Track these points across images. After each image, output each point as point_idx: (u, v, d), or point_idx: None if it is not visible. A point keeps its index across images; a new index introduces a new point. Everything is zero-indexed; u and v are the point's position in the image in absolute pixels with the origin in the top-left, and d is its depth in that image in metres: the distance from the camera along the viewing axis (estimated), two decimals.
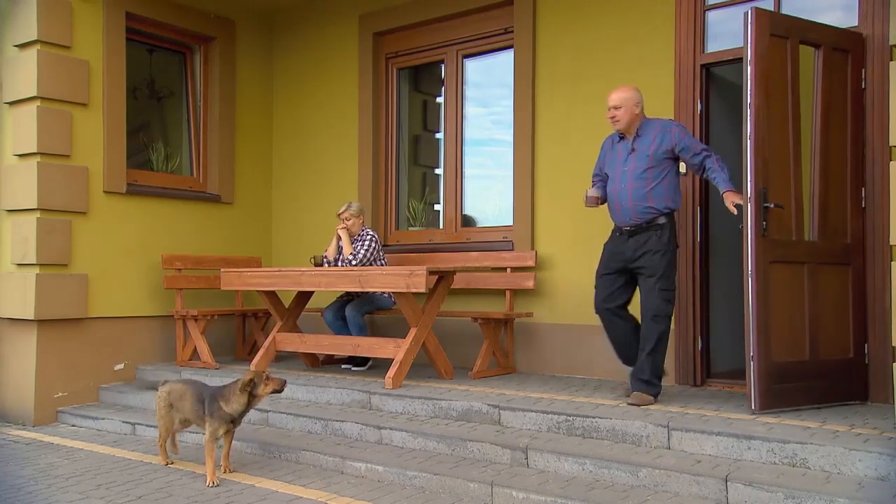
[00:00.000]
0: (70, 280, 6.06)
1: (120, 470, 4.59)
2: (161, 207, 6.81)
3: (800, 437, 3.72)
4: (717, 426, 3.96)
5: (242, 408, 4.25)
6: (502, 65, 6.52)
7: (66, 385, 6.10)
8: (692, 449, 3.94)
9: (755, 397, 4.23)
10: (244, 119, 7.54)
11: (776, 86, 4.42)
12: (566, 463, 3.97)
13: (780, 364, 4.30)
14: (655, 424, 4.07)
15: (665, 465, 3.74)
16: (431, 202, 7.19)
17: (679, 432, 3.99)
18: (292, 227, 7.60)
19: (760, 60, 4.33)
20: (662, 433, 4.04)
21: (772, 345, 4.27)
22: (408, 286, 5.10)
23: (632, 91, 4.70)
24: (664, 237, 4.55)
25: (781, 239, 4.36)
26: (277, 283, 5.86)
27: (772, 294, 4.28)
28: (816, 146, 4.55)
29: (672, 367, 5.35)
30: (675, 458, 3.85)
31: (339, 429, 4.88)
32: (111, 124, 6.36)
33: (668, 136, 4.58)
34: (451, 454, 4.37)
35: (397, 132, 7.15)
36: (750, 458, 3.77)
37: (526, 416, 4.51)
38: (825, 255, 4.51)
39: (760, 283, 4.24)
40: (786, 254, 4.36)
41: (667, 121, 4.74)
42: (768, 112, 4.35)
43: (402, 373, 5.29)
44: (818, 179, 4.54)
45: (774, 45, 4.40)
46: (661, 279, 4.51)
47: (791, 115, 4.47)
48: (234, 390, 4.24)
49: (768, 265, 4.27)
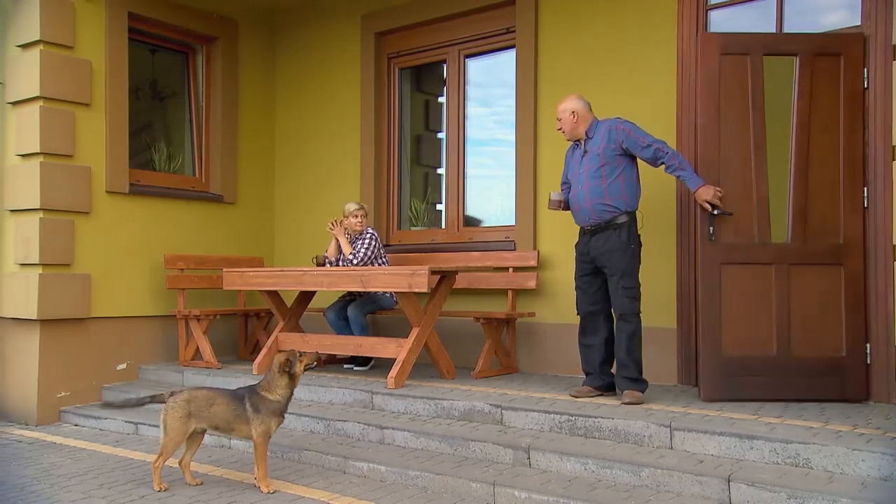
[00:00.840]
0: (73, 280, 6.06)
1: (122, 469, 4.59)
2: (163, 207, 6.81)
3: (802, 437, 3.71)
4: (719, 426, 3.96)
5: (289, 391, 4.07)
6: (504, 64, 6.51)
7: (69, 385, 6.11)
8: (695, 449, 3.93)
9: (702, 388, 4.67)
10: (246, 119, 7.54)
11: (733, 100, 4.74)
12: (568, 463, 3.97)
13: (734, 359, 4.64)
14: (658, 424, 4.07)
15: (667, 464, 3.74)
16: (433, 202, 7.19)
17: (681, 432, 3.99)
18: (294, 226, 7.60)
19: (708, 80, 4.75)
20: (665, 433, 4.04)
21: (722, 340, 4.65)
22: (410, 286, 5.10)
23: (568, 100, 4.94)
24: (623, 235, 4.69)
25: (737, 242, 4.72)
26: (279, 282, 5.87)
27: (724, 293, 4.70)
28: (793, 151, 4.75)
29: (674, 367, 5.36)
30: (678, 458, 3.85)
31: (342, 428, 4.88)
32: (114, 124, 6.36)
33: (614, 133, 4.75)
34: (454, 454, 4.37)
35: (399, 132, 7.15)
36: (752, 458, 3.76)
37: (528, 416, 4.51)
38: (803, 256, 4.72)
39: (708, 283, 4.71)
40: (742, 256, 4.72)
41: (614, 119, 4.87)
42: (720, 126, 4.74)
43: (404, 372, 5.28)
44: (794, 183, 4.73)
45: (731, 62, 4.78)
46: (624, 277, 4.67)
47: (753, 124, 4.77)
48: (272, 378, 4.04)
49: (719, 267, 4.70)
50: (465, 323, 6.15)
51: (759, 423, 4.01)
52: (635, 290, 4.69)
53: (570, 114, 4.88)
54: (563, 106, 4.93)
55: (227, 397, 4.09)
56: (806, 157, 4.73)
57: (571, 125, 4.89)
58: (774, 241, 4.74)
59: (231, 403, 4.05)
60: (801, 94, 4.74)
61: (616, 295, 4.68)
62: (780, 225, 4.77)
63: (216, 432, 4.22)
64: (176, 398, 4.08)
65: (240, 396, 4.07)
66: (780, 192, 4.77)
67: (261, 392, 4.05)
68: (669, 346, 5.41)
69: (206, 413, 4.05)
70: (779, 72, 4.79)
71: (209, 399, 4.08)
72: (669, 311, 5.44)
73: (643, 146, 4.69)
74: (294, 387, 4.12)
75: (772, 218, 4.77)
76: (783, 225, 4.76)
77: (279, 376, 4.06)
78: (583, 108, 4.90)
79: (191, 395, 4.10)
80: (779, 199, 4.78)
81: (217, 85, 7.32)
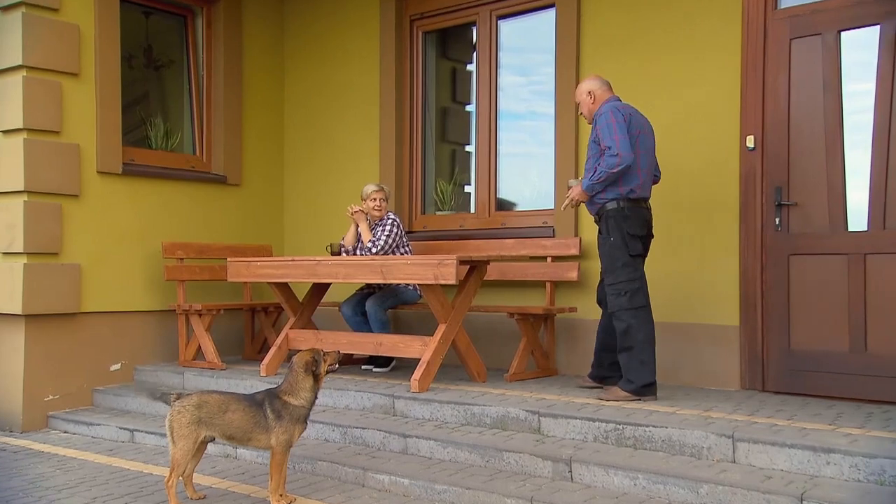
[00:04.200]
0: (61, 270, 6.13)
1: (117, 481, 4.63)
2: (161, 189, 6.86)
3: (888, 451, 3.65)
4: (790, 437, 3.91)
5: (313, 395, 4.04)
6: (542, 26, 6.46)
7: (58, 387, 6.19)
8: (761, 463, 3.90)
9: (767, 382, 5.07)
10: (252, 90, 7.56)
11: (804, 77, 4.98)
12: (616, 477, 3.96)
13: (803, 353, 4.96)
14: (718, 434, 4.04)
15: (730, 480, 3.70)
16: (462, 183, 7.18)
17: (746, 444, 3.95)
18: (306, 211, 7.62)
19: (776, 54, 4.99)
20: (727, 444, 4.00)
21: (791, 334, 4.98)
22: (436, 277, 5.10)
23: (585, 81, 5.16)
24: (603, 228, 4.96)
25: (807, 231, 4.98)
26: (290, 273, 5.88)
27: (792, 286, 5.04)
28: (874, 133, 4.85)
29: (737, 370, 5.33)
30: (742, 473, 3.81)
31: (360, 437, 4.89)
32: (105, 97, 6.40)
33: (595, 124, 4.95)
34: (485, 466, 4.37)
35: (423, 104, 7.13)
36: (829, 475, 3.71)
37: (569, 424, 4.50)
38: (882, 246, 4.83)
39: (775, 275, 5.03)
40: (813, 246, 5.01)
41: (606, 105, 4.96)
42: (790, 105, 5.01)
43: (429, 374, 5.28)
44: (875, 170, 4.85)
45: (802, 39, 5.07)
46: (607, 274, 4.95)
47: (826, 103, 4.98)
48: (295, 380, 4.00)
49: (787, 257, 5.03)
50: (497, 319, 6.12)
51: (838, 435, 3.96)
52: (620, 285, 4.86)
53: (586, 95, 5.07)
54: (580, 87, 5.14)
55: (243, 402, 4.03)
56: (887, 139, 4.78)
57: (588, 108, 5.08)
58: (849, 230, 4.88)
59: (249, 409, 3.99)
60: (883, 74, 4.79)
61: (605, 290, 4.99)
62: (856, 212, 4.89)
63: (229, 442, 4.19)
64: (184, 402, 3.98)
65: (258, 401, 4.02)
66: (857, 178, 4.90)
67: (283, 396, 4.01)
68: (731, 345, 5.37)
69: (219, 420, 3.97)
70: (854, 46, 4.87)
71: (222, 404, 4.00)
72: (730, 306, 5.39)
73: (602, 148, 4.85)
74: (318, 389, 4.11)
75: (848, 205, 4.92)
76: (859, 212, 4.91)
77: (304, 378, 4.03)
78: (599, 88, 5.06)
79: (201, 400, 4.00)
80: (855, 185, 4.91)
81: (219, 52, 7.34)
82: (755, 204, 5.31)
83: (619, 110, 4.86)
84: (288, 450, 4.04)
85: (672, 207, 5.61)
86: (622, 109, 4.89)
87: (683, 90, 5.61)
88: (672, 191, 5.59)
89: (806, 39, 5.15)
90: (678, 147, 5.59)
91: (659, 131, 5.63)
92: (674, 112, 5.63)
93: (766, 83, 5.28)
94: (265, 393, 4.09)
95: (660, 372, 5.51)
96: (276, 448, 3.98)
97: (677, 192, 5.59)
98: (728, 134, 5.41)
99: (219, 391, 4.36)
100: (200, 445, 4.10)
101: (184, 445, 3.94)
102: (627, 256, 4.86)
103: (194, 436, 3.95)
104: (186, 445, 3.95)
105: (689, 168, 5.56)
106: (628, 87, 5.79)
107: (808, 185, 5.13)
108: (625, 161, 4.73)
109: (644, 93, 5.67)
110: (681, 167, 5.57)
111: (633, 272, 4.86)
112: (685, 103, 5.60)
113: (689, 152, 5.57)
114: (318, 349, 4.16)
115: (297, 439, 4.06)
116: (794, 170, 5.17)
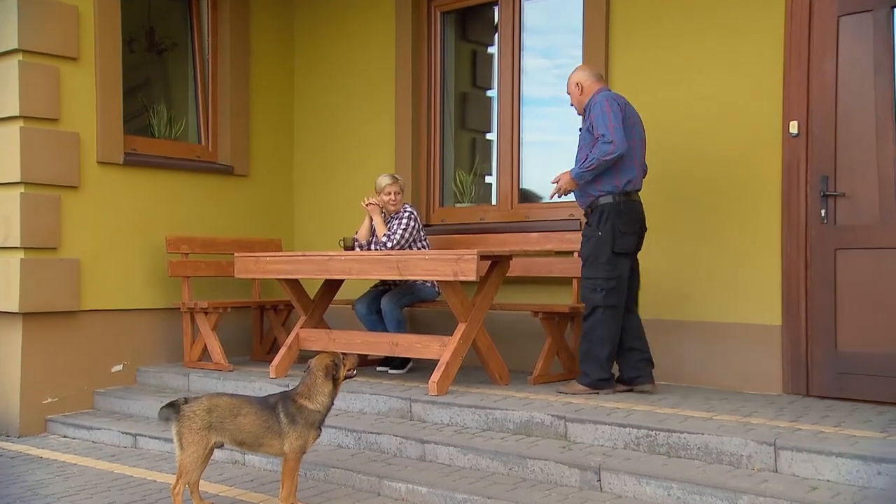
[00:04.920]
0: (60, 266, 6.15)
1: (120, 489, 4.63)
2: (164, 180, 6.87)
3: None
4: (837, 445, 3.86)
5: (330, 400, 4.04)
6: (569, 5, 6.43)
7: (57, 389, 6.21)
8: (806, 473, 3.85)
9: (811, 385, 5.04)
10: (260, 75, 7.56)
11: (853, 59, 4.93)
12: (648, 486, 3.93)
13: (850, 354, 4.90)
14: (759, 442, 4.00)
15: (772, 491, 3.66)
16: (482, 173, 7.18)
17: (789, 452, 3.91)
18: (318, 203, 7.63)
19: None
20: (768, 453, 3.96)
21: (837, 334, 4.94)
22: (455, 273, 5.07)
23: (576, 71, 5.30)
24: (592, 220, 5.13)
25: (855, 224, 4.94)
26: (301, 269, 5.87)
27: (839, 282, 4.99)
28: None
29: (778, 373, 5.29)
30: (785, 483, 3.77)
31: (375, 442, 4.89)
32: (105, 82, 6.41)
33: (587, 113, 5.08)
34: (508, 474, 4.35)
35: (442, 90, 7.12)
36: (881, 486, 3.66)
37: (598, 430, 4.48)
38: None
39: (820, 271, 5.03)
40: (862, 239, 4.97)
41: (599, 95, 5.08)
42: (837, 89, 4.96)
43: (448, 377, 5.27)
44: None
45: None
46: (584, 267, 5.17)
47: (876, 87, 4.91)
48: (313, 383, 4.01)
49: (833, 252, 5.01)
50: (520, 318, 6.09)
51: (890, 443, 3.90)
52: (598, 281, 5.07)
53: (574, 86, 5.23)
54: (570, 79, 5.28)
55: (255, 406, 4.02)
56: None
57: (578, 100, 5.25)
58: None
59: (261, 413, 3.98)
60: None
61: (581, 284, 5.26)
62: None
63: (239, 448, 4.19)
64: (193, 407, 3.97)
65: (271, 405, 4.01)
66: None
67: (298, 400, 4.00)
68: (772, 346, 5.32)
69: (231, 425, 3.96)
70: None
71: (233, 408, 3.99)
72: (772, 304, 5.34)
73: (595, 137, 4.97)
74: (336, 395, 4.11)
75: None
76: None
77: (324, 381, 4.03)
78: (587, 79, 5.21)
79: (211, 404, 4.00)
80: None
81: (225, 34, 7.34)
82: (798, 194, 5.23)
83: (614, 99, 5.00)
84: (301, 456, 4.03)
85: (707, 199, 5.56)
86: (617, 99, 5.04)
87: (721, 73, 5.54)
88: (707, 181, 5.54)
89: (855, 16, 5.05)
90: (713, 134, 5.55)
91: (693, 118, 5.61)
92: (710, 97, 5.58)
93: (811, 64, 5.19)
94: (279, 396, 4.08)
95: (695, 374, 5.59)
96: (289, 454, 3.97)
97: (713, 182, 5.54)
98: (769, 119, 5.34)
99: (229, 394, 4.35)
100: (208, 452, 4.09)
101: (194, 452, 3.92)
102: (611, 253, 5.05)
103: (204, 441, 3.93)
104: (197, 452, 3.92)
105: (725, 156, 5.51)
106: (661, 71, 5.79)
107: (856, 174, 5.04)
108: (619, 149, 4.87)
109: (678, 76, 5.65)
110: (716, 156, 5.53)
111: (612, 270, 5.06)
112: (722, 87, 5.54)
113: (725, 140, 5.52)
114: (338, 353, 4.16)
115: (311, 446, 4.05)
116: (841, 157, 5.09)
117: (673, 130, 5.65)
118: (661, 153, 5.56)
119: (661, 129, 5.60)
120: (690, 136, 5.63)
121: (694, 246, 5.62)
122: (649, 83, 5.83)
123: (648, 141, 5.29)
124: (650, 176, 5.43)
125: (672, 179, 5.68)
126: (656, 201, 5.75)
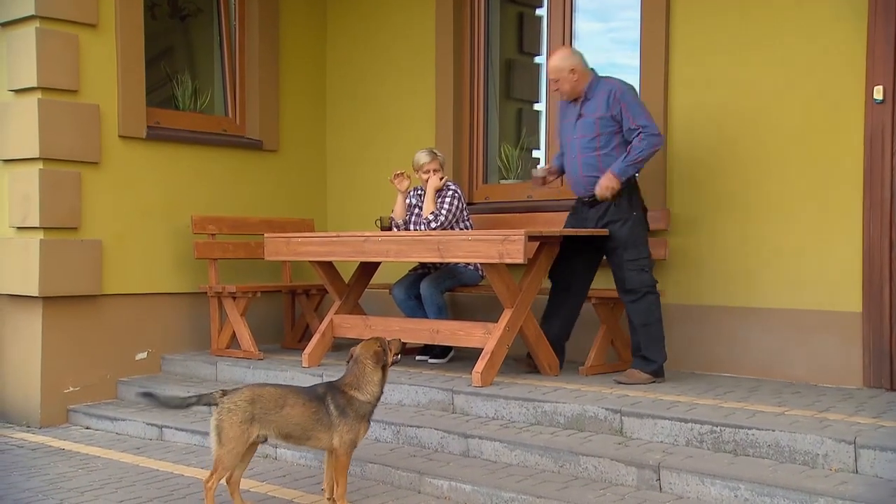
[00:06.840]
0: (81, 247, 6.22)
1: (145, 483, 4.69)
2: (190, 156, 6.92)
3: None
4: None
5: (380, 390, 4.08)
6: None
7: (79, 378, 6.30)
8: (890, 474, 3.79)
9: (893, 377, 4.95)
10: (290, 43, 7.57)
11: None
12: (713, 487, 3.91)
13: None
14: (836, 440, 3.95)
15: (851, 494, 3.61)
16: (530, 147, 7.15)
17: (870, 451, 3.86)
18: (352, 180, 7.64)
19: None
20: (847, 451, 3.92)
21: None
22: (501, 255, 5.05)
23: (564, 56, 5.43)
24: (622, 205, 5.27)
25: None
26: (335, 251, 5.89)
27: None
28: None
29: (859, 364, 5.22)
30: (866, 485, 3.72)
31: (415, 436, 4.90)
32: (126, 51, 6.45)
33: (612, 100, 5.24)
34: (559, 471, 4.35)
35: (486, 57, 7.08)
36: None
37: (657, 425, 4.46)
38: None
39: None
40: None
41: (613, 81, 5.30)
42: None
43: (493, 367, 5.26)
44: None
45: None
46: (627, 250, 5.26)
47: None
48: (362, 372, 4.04)
49: None
50: None
51: None
52: (643, 261, 5.26)
53: (569, 72, 5.35)
54: (559, 64, 5.38)
55: (301, 397, 4.04)
56: None
57: (572, 85, 5.38)
58: None
59: (309, 405, 4.00)
60: None
61: (621, 270, 5.28)
62: None
63: (284, 442, 4.21)
64: (234, 398, 3.96)
65: (319, 396, 4.04)
66: None
67: (348, 391, 4.03)
68: (852, 336, 5.25)
69: (276, 417, 3.96)
70: None
71: (279, 399, 4.00)
72: (851, 290, 5.26)
73: (630, 127, 5.18)
74: (385, 383, 4.14)
75: None
76: None
77: (374, 369, 4.05)
78: (580, 64, 5.38)
79: (254, 394, 4.00)
80: None
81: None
82: (882, 167, 5.12)
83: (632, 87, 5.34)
84: (352, 451, 4.05)
85: (779, 173, 5.49)
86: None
87: (794, 36, 5.44)
88: (778, 154, 5.48)
89: None
90: (786, 103, 5.47)
91: (763, 87, 5.50)
92: (781, 63, 5.49)
93: None
94: (326, 386, 4.11)
95: (763, 365, 5.55)
96: (340, 449, 4.00)
97: (784, 155, 5.47)
98: (849, 85, 5.23)
99: (272, 384, 4.37)
100: (250, 447, 4.09)
101: (234, 447, 3.92)
102: (647, 232, 5.37)
103: (246, 436, 3.93)
104: (237, 447, 3.92)
105: (799, 126, 5.43)
106: (728, 38, 5.74)
107: None
108: (662, 140, 5.23)
109: (742, 39, 5.58)
110: (789, 127, 5.46)
111: (648, 249, 5.35)
112: (796, 51, 5.43)
113: (799, 109, 5.43)
114: (383, 338, 4.18)
115: (361, 439, 4.08)
116: None
117: (737, 97, 5.58)
118: (724, 125, 5.49)
119: (725, 95, 5.56)
120: (758, 105, 5.54)
121: (764, 225, 5.53)
122: (713, 48, 5.76)
123: (719, 108, 5.36)
124: (711, 149, 5.36)
125: (737, 153, 5.61)
126: (719, 176, 5.73)
